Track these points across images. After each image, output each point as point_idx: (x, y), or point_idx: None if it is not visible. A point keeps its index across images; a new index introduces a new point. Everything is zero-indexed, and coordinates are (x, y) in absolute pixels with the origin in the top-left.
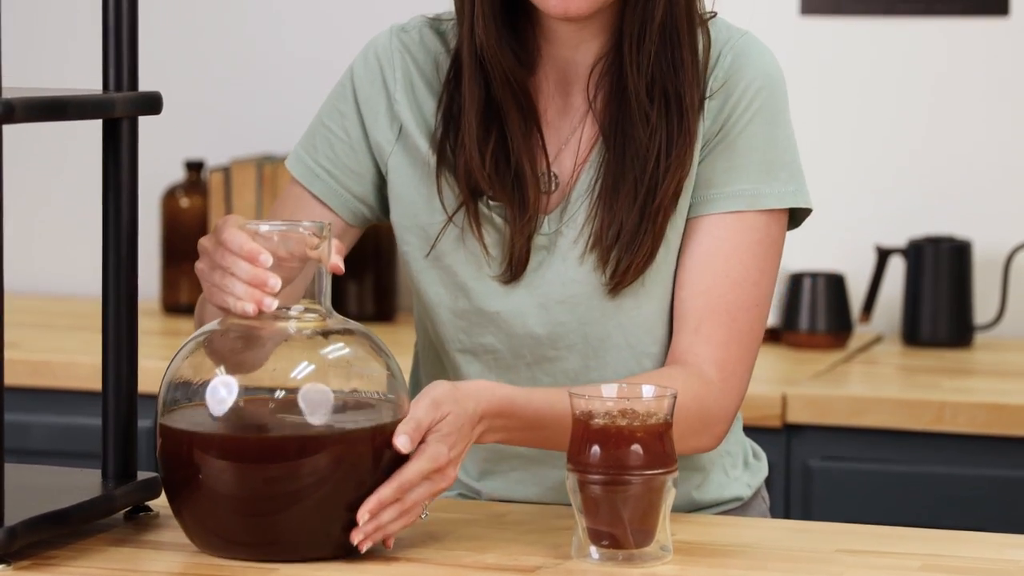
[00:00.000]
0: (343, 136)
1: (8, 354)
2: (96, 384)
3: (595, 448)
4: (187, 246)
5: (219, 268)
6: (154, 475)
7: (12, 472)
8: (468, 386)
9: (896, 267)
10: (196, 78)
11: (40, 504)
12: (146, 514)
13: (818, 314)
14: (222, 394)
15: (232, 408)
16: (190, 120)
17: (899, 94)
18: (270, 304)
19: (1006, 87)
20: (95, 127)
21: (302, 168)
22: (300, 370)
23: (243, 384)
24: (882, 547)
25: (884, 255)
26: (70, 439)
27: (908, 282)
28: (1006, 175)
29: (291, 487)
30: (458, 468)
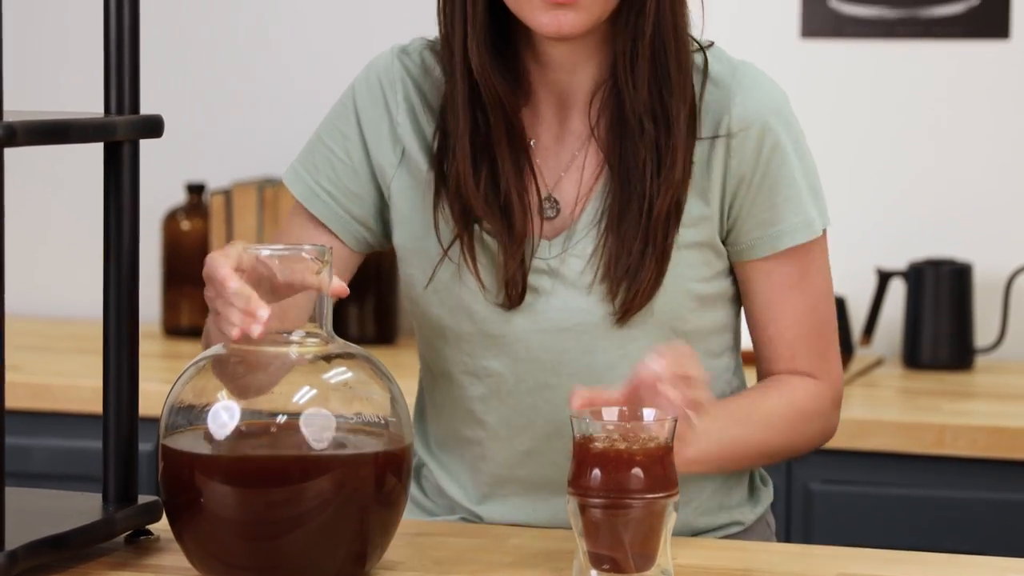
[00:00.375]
0: (344, 158)
1: (9, 377)
2: (97, 407)
3: (595, 471)
4: (188, 269)
5: (219, 296)
6: (155, 499)
7: (13, 496)
8: None
9: (897, 290)
10: (197, 101)
11: (41, 528)
12: (147, 538)
13: None
14: (224, 418)
15: (234, 432)
16: (191, 143)
17: (899, 117)
18: (255, 331)
19: (1007, 110)
20: (95, 149)
21: (303, 188)
22: (302, 395)
23: (245, 408)
24: (883, 571)
25: (885, 278)
26: (71, 462)
27: (909, 305)
28: (1006, 198)
29: (293, 511)
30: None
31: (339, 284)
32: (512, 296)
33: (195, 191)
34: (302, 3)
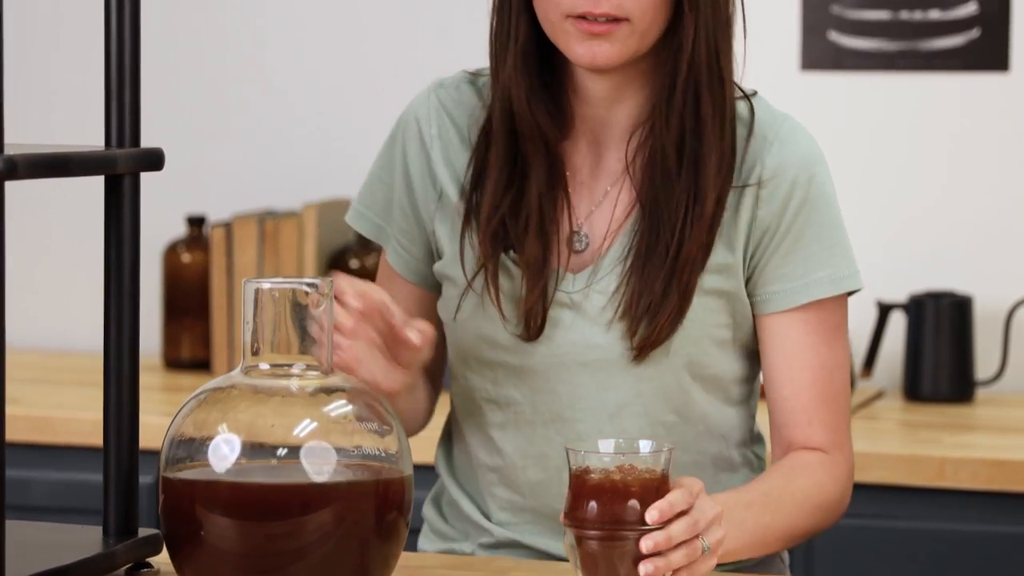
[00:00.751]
0: (393, 198)
1: (9, 410)
2: (97, 440)
3: (592, 503)
4: (188, 301)
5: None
6: (155, 531)
7: (13, 529)
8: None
9: (897, 323)
10: (197, 134)
11: (41, 561)
12: (148, 571)
13: None
14: (224, 451)
15: (235, 465)
16: (191, 175)
17: (899, 149)
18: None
19: (1007, 142)
20: (94, 180)
21: (368, 225)
22: (302, 427)
23: (245, 441)
24: None
25: (885, 311)
26: (71, 495)
27: (909, 338)
28: (1006, 230)
29: (294, 544)
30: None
31: (411, 335)
32: (531, 328)
33: (195, 223)
34: (301, 36)
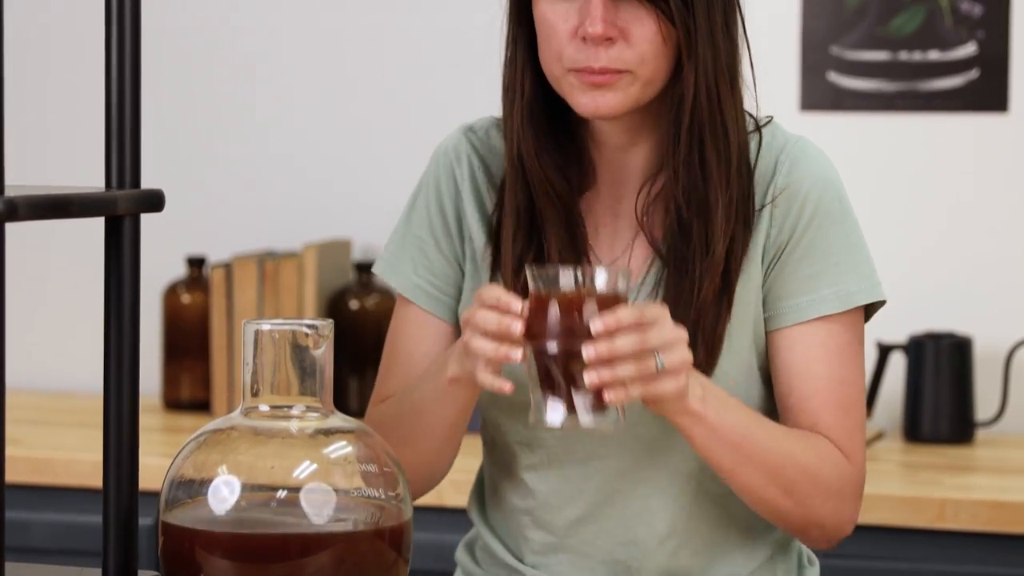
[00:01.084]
0: (431, 241)
1: (9, 451)
2: (97, 481)
3: (549, 320)
4: (188, 342)
5: (473, 333)
6: (155, 573)
7: (13, 571)
8: None
9: (897, 363)
10: (197, 175)
11: None
12: None
13: None
14: (224, 493)
15: (234, 507)
16: (191, 216)
17: (898, 190)
18: (515, 356)
19: (1006, 183)
20: (95, 221)
21: (403, 281)
22: (302, 469)
23: (245, 483)
24: None
25: (885, 351)
26: (71, 537)
27: (909, 378)
28: (1006, 271)
29: None
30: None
31: (501, 385)
32: None
33: (195, 264)
34: (300, 79)
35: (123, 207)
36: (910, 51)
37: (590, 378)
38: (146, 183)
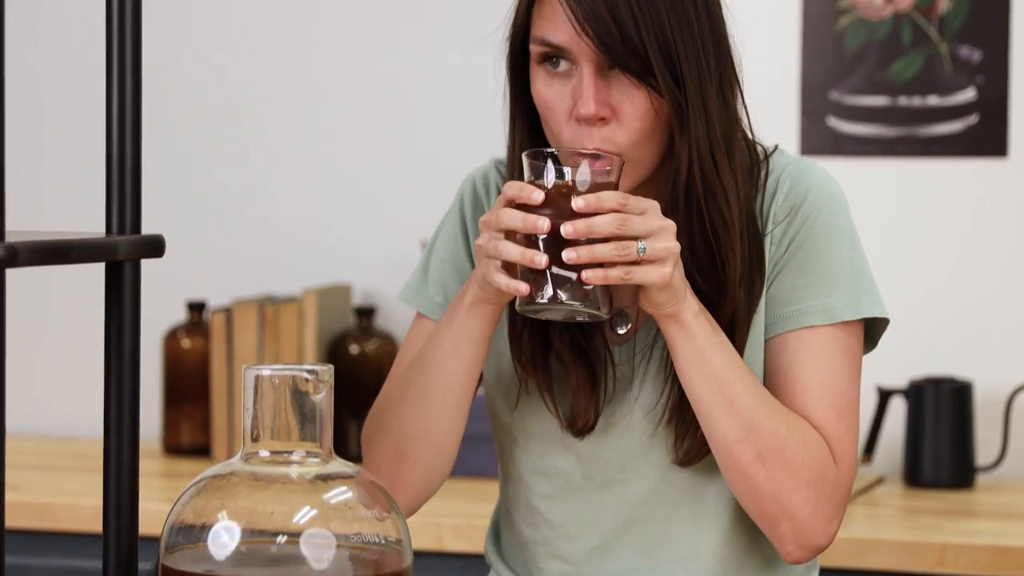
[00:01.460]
0: (456, 266)
1: (9, 496)
2: (97, 526)
3: (543, 205)
4: (188, 387)
5: (494, 234)
6: None
7: None
8: None
9: (897, 408)
10: (197, 220)
11: None
12: None
13: None
14: (224, 538)
15: (234, 552)
16: (192, 261)
17: (898, 236)
18: (540, 261)
19: (1006, 227)
20: (95, 267)
21: (425, 302)
22: (302, 515)
23: (245, 528)
24: None
25: (885, 396)
26: None
27: (909, 423)
28: (1005, 316)
29: None
30: (664, 235)
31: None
32: (582, 428)
33: (195, 309)
34: (302, 123)
35: (124, 252)
36: (909, 96)
37: (568, 256)
38: (147, 228)
